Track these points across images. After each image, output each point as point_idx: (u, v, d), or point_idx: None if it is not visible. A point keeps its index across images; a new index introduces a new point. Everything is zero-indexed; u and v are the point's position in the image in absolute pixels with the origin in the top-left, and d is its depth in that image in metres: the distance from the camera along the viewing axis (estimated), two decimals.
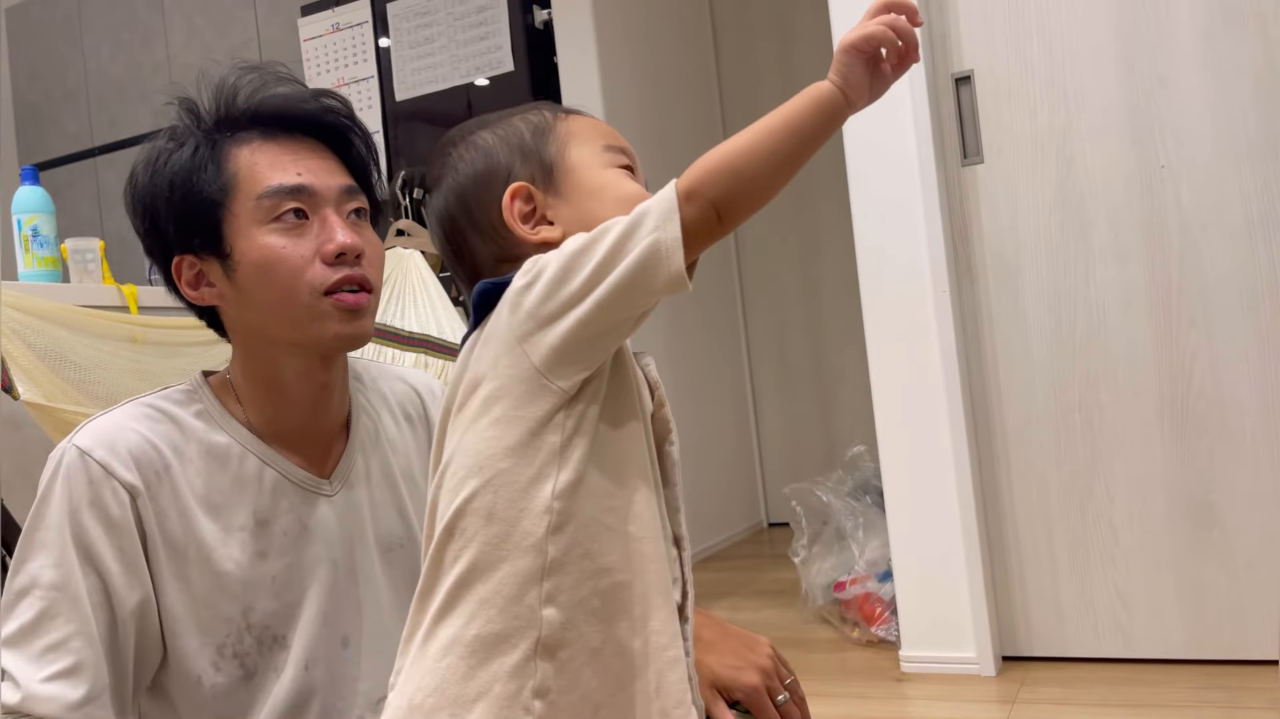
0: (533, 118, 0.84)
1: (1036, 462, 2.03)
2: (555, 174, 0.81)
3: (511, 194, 0.79)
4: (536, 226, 0.79)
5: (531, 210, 0.80)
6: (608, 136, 0.85)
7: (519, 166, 0.81)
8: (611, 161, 0.83)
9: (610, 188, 0.82)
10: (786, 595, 2.70)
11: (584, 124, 0.85)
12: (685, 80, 3.74)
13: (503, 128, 0.83)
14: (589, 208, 0.80)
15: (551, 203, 0.80)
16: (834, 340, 3.74)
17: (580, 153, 0.82)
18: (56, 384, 1.64)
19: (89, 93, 4.56)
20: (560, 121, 0.84)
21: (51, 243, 2.06)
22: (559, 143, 0.82)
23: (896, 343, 2.08)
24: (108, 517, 0.84)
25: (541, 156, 0.81)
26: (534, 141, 0.82)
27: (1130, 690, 1.84)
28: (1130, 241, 1.95)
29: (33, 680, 0.80)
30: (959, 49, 2.07)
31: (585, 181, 0.81)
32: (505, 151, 0.82)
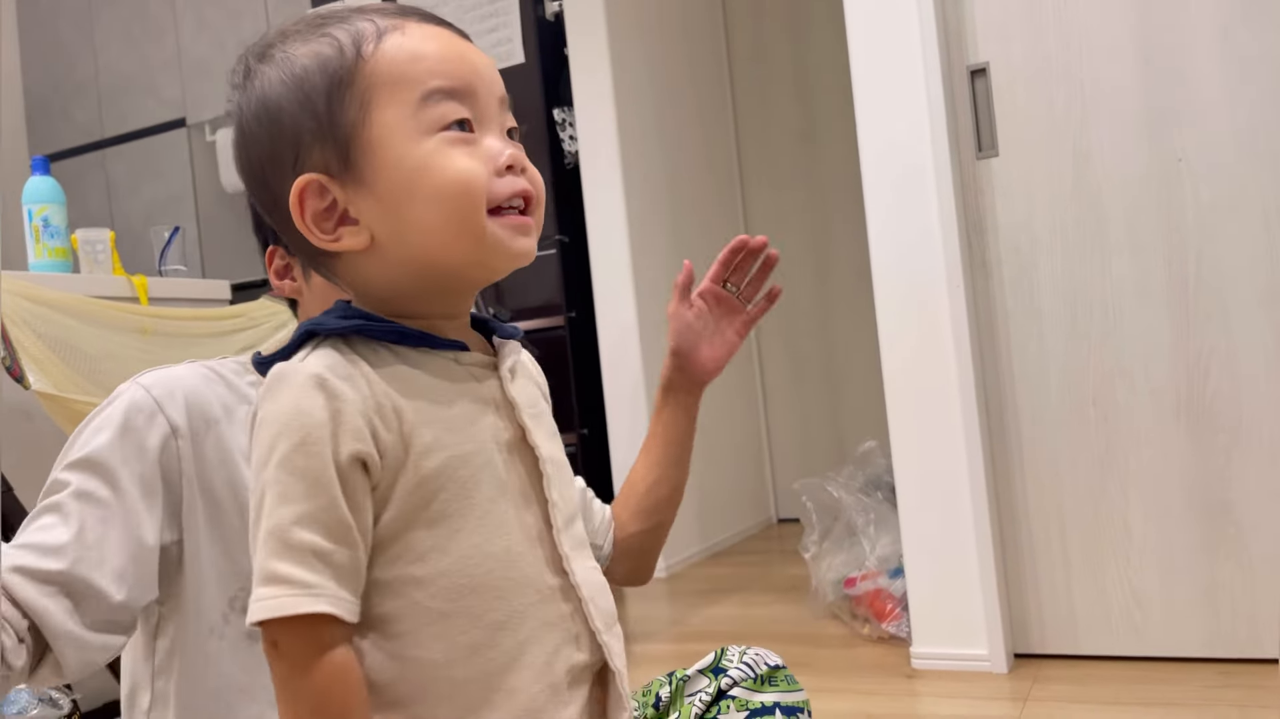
0: (328, 50, 0.62)
1: (1050, 458, 2.02)
2: (353, 153, 0.61)
3: (298, 195, 0.61)
4: (337, 229, 0.62)
5: (330, 206, 0.62)
6: (433, 74, 0.62)
7: (308, 142, 0.61)
8: (435, 122, 0.61)
9: (425, 173, 0.60)
10: (797, 591, 2.69)
11: (399, 57, 0.62)
12: (697, 71, 3.73)
13: (290, 64, 0.62)
14: (399, 205, 0.61)
15: (353, 196, 0.61)
16: (845, 334, 3.73)
17: (387, 118, 0.61)
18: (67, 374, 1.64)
19: (99, 85, 4.56)
20: (365, 60, 0.61)
21: (62, 233, 2.06)
22: (358, 101, 0.61)
23: (909, 337, 2.06)
24: (142, 445, 0.86)
25: (334, 126, 0.61)
26: (325, 100, 0.61)
27: (1144, 689, 1.83)
28: (1147, 236, 1.93)
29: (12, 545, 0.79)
30: (974, 41, 2.05)
31: (393, 164, 0.60)
32: (292, 110, 0.61)
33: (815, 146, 3.77)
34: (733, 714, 1.01)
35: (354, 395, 0.59)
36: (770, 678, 1.04)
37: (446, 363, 0.65)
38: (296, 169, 0.62)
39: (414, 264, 0.63)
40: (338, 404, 0.58)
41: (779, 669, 1.06)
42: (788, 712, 1.02)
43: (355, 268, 0.64)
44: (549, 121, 3.23)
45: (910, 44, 2.04)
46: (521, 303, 3.24)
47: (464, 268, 0.63)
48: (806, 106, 3.79)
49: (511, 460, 0.65)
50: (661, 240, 3.34)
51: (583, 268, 3.26)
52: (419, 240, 0.61)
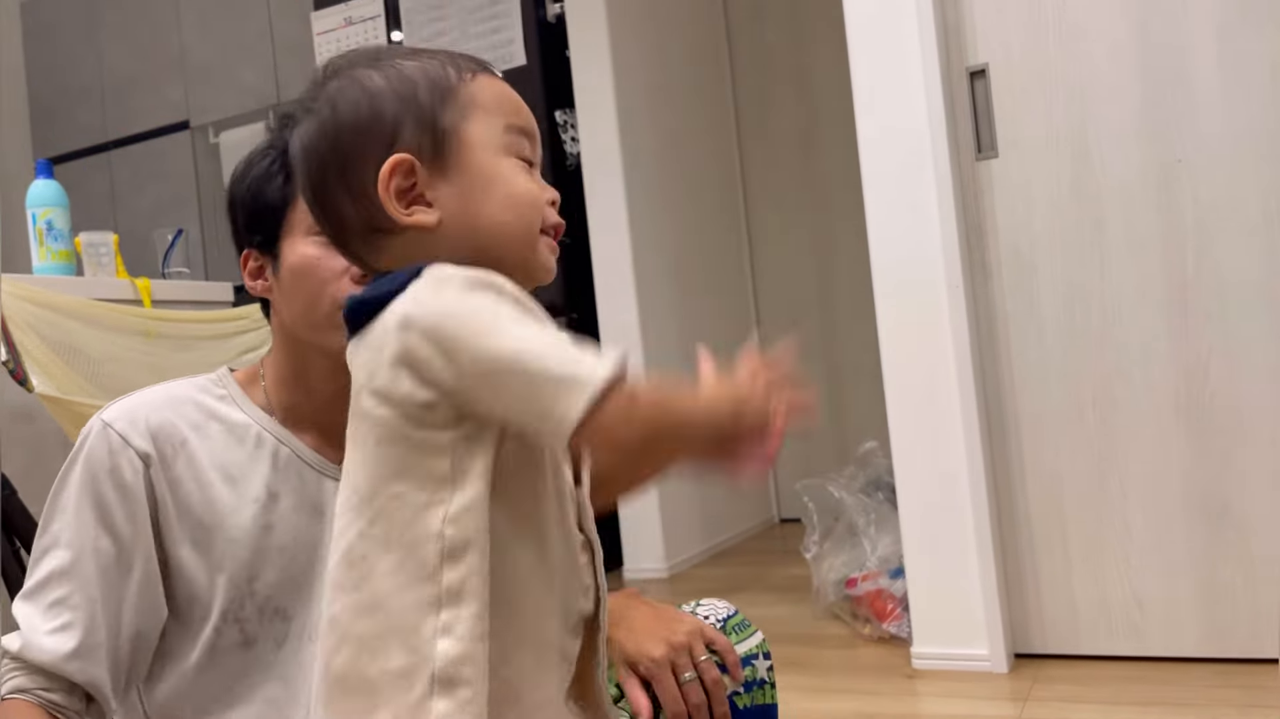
0: (433, 70, 0.73)
1: (1050, 458, 2.02)
2: (446, 148, 0.71)
3: (391, 167, 0.69)
4: (411, 206, 0.70)
5: (411, 186, 0.70)
6: (513, 113, 0.74)
7: (407, 129, 0.71)
8: (511, 148, 0.73)
9: (502, 181, 0.72)
10: (798, 591, 2.70)
11: (490, 91, 0.74)
12: (698, 73, 3.73)
13: (398, 73, 0.72)
14: (474, 199, 0.71)
15: (434, 182, 0.71)
16: (846, 335, 3.73)
17: (479, 129, 0.72)
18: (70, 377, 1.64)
19: (103, 87, 4.58)
20: (465, 84, 0.73)
21: (66, 236, 2.07)
22: (458, 110, 0.72)
23: (909, 338, 2.07)
24: (122, 483, 0.89)
25: (435, 123, 0.71)
26: (430, 102, 0.71)
27: (1144, 689, 1.83)
28: (1146, 237, 1.94)
29: (38, 631, 0.87)
30: (974, 42, 2.05)
31: (478, 166, 0.71)
32: (395, 104, 0.71)
33: (816, 148, 3.77)
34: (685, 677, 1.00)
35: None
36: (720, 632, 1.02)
37: None
38: (390, 148, 0.70)
39: (471, 252, 0.70)
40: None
41: (727, 620, 1.05)
42: (741, 663, 1.01)
43: (409, 247, 0.71)
44: (551, 123, 3.23)
45: (909, 45, 2.04)
46: None
47: (508, 265, 0.71)
48: (807, 108, 3.79)
49: None
50: (663, 242, 3.34)
51: (584, 269, 3.27)
52: (486, 229, 0.71)
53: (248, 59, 4.20)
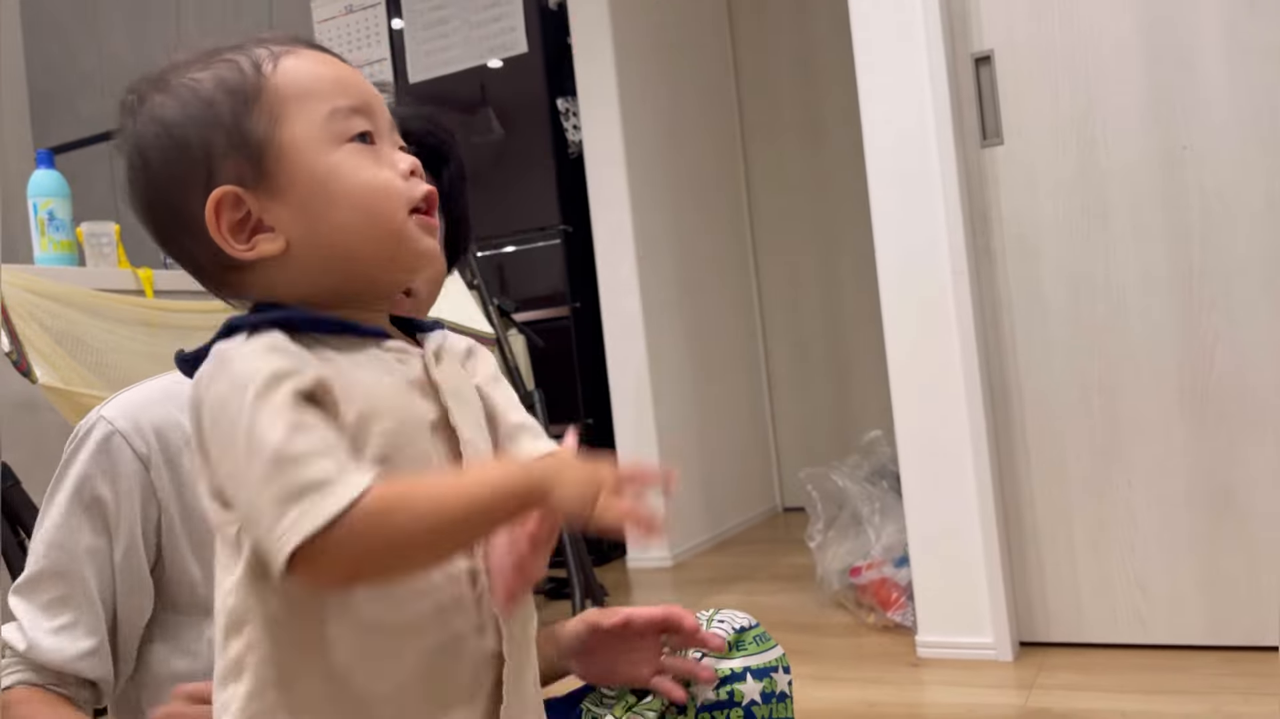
0: (228, 75, 0.64)
1: (1055, 446, 2.01)
2: (266, 163, 0.63)
3: (215, 207, 0.62)
4: (253, 237, 0.63)
5: (245, 216, 0.63)
6: (334, 92, 0.65)
7: (219, 156, 0.63)
8: (342, 134, 0.64)
9: (337, 179, 0.63)
10: (802, 580, 2.70)
11: (299, 76, 0.65)
12: (701, 60, 3.72)
13: (191, 91, 0.64)
14: (313, 211, 0.63)
15: (268, 205, 0.63)
16: (850, 323, 3.73)
17: (296, 129, 0.63)
18: (73, 368, 1.64)
19: (103, 77, 4.56)
20: (267, 79, 0.64)
21: (67, 226, 2.06)
22: (266, 115, 0.63)
23: (914, 326, 2.06)
24: (120, 486, 0.88)
25: (245, 139, 0.63)
26: (233, 115, 0.63)
27: (1149, 676, 1.83)
28: (1151, 224, 1.93)
29: (39, 630, 0.86)
30: (979, 28, 2.04)
31: (305, 173, 0.63)
32: (198, 129, 0.63)
33: (819, 134, 3.76)
34: (703, 687, 0.99)
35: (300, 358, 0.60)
36: (738, 642, 1.01)
37: (370, 348, 0.66)
38: (209, 184, 0.63)
39: (329, 267, 0.65)
40: (292, 362, 0.59)
41: (746, 631, 1.03)
42: (759, 674, 1.00)
43: (268, 276, 0.65)
44: (552, 111, 3.22)
45: (914, 32, 2.03)
46: (526, 293, 3.24)
47: (378, 267, 0.66)
48: (811, 94, 3.78)
49: (436, 441, 0.65)
50: (666, 229, 3.33)
51: (587, 258, 3.26)
52: (338, 241, 0.64)
53: None
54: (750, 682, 0.99)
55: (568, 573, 2.44)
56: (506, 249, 3.28)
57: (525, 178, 3.24)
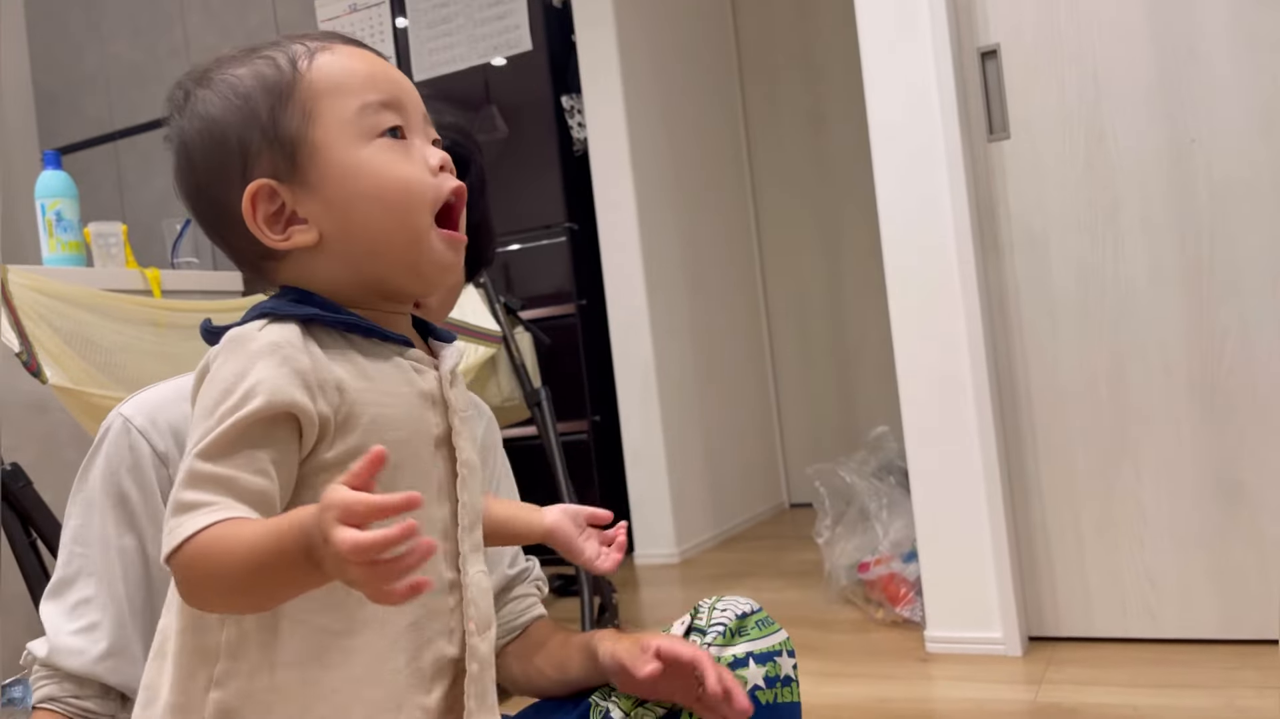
0: (266, 71, 0.67)
1: (1063, 440, 2.01)
2: (299, 158, 0.65)
3: (251, 199, 0.65)
4: (288, 228, 0.66)
5: (279, 209, 0.66)
6: (365, 87, 0.67)
7: (255, 151, 0.65)
8: (372, 129, 0.66)
9: (366, 175, 0.65)
10: (810, 576, 2.70)
11: (333, 71, 0.67)
12: (705, 56, 3.71)
13: (230, 87, 0.67)
14: (343, 206, 0.65)
15: (301, 198, 0.66)
16: (856, 319, 3.72)
17: (328, 124, 0.66)
18: (83, 368, 1.64)
19: (108, 77, 4.57)
20: (302, 76, 0.66)
21: (75, 227, 2.06)
22: (301, 111, 0.65)
23: (921, 321, 2.06)
24: (144, 480, 0.88)
25: (279, 135, 0.65)
26: (269, 112, 0.65)
27: (1159, 671, 1.83)
28: (1160, 216, 1.92)
29: (62, 633, 0.85)
30: (985, 22, 2.04)
31: (336, 168, 0.65)
32: (237, 124, 0.66)
33: (824, 129, 3.76)
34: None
35: (306, 366, 0.62)
36: (740, 628, 1.01)
37: (392, 354, 0.68)
38: (246, 177, 0.66)
39: (358, 263, 0.67)
40: (289, 368, 0.61)
41: (748, 617, 1.02)
42: (761, 659, 0.99)
43: (301, 266, 0.68)
44: (557, 109, 3.22)
45: (920, 26, 2.03)
46: (532, 290, 3.24)
47: (397, 270, 0.68)
48: (815, 89, 3.77)
49: (436, 456, 0.68)
50: (671, 226, 3.33)
51: (592, 255, 3.26)
52: (363, 235, 0.66)
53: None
54: (753, 667, 0.99)
55: (575, 569, 2.44)
56: (512, 247, 3.28)
57: (530, 176, 3.24)
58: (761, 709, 0.97)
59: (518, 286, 3.27)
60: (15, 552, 1.44)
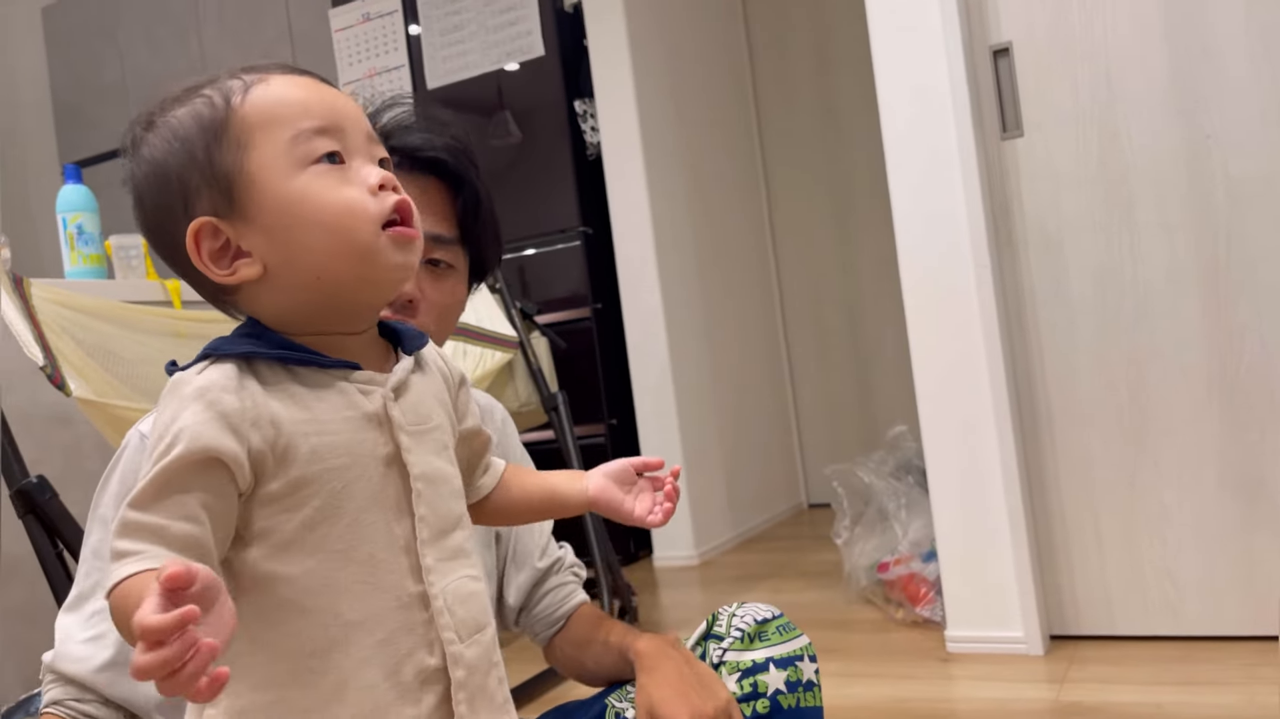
0: (201, 109, 0.67)
1: (1082, 438, 2.00)
2: (236, 193, 0.65)
3: (194, 237, 0.66)
4: (234, 263, 0.66)
5: (224, 245, 0.66)
6: (298, 115, 0.67)
7: (195, 189, 0.66)
8: (306, 156, 0.66)
9: (304, 203, 0.65)
10: (829, 577, 2.70)
11: (266, 103, 0.67)
12: (717, 57, 3.71)
13: (169, 127, 0.68)
14: (284, 235, 0.65)
15: (243, 232, 0.66)
16: (872, 318, 3.72)
17: (263, 158, 0.66)
18: (106, 380, 1.66)
19: (126, 89, 4.61)
20: (236, 110, 0.67)
21: (96, 240, 2.09)
22: (235, 145, 0.66)
23: (937, 320, 2.06)
24: None
25: (215, 172, 0.66)
26: (205, 150, 0.66)
27: (1182, 668, 1.82)
28: (1177, 214, 1.92)
29: (71, 640, 0.86)
30: (997, 21, 2.03)
31: (272, 199, 0.65)
32: (176, 166, 0.67)
33: (838, 130, 3.75)
34: (725, 679, 1.00)
35: (233, 407, 0.62)
36: (760, 633, 1.02)
37: (335, 380, 0.68)
38: (188, 216, 0.67)
39: (305, 287, 0.67)
40: (213, 413, 0.62)
41: (769, 622, 1.03)
42: (782, 663, 1.00)
43: (253, 297, 0.69)
44: (570, 113, 3.23)
45: (931, 25, 2.03)
46: (547, 295, 3.25)
47: (352, 285, 0.68)
48: (828, 90, 3.77)
49: (389, 474, 0.68)
50: (685, 229, 3.33)
51: (607, 259, 3.27)
52: (310, 262, 0.66)
53: (267, 57, 4.21)
54: (774, 671, 0.99)
55: (595, 572, 2.45)
56: (527, 252, 3.29)
57: (544, 180, 3.25)
58: (784, 714, 0.97)
59: (533, 291, 3.28)
60: (42, 562, 1.46)
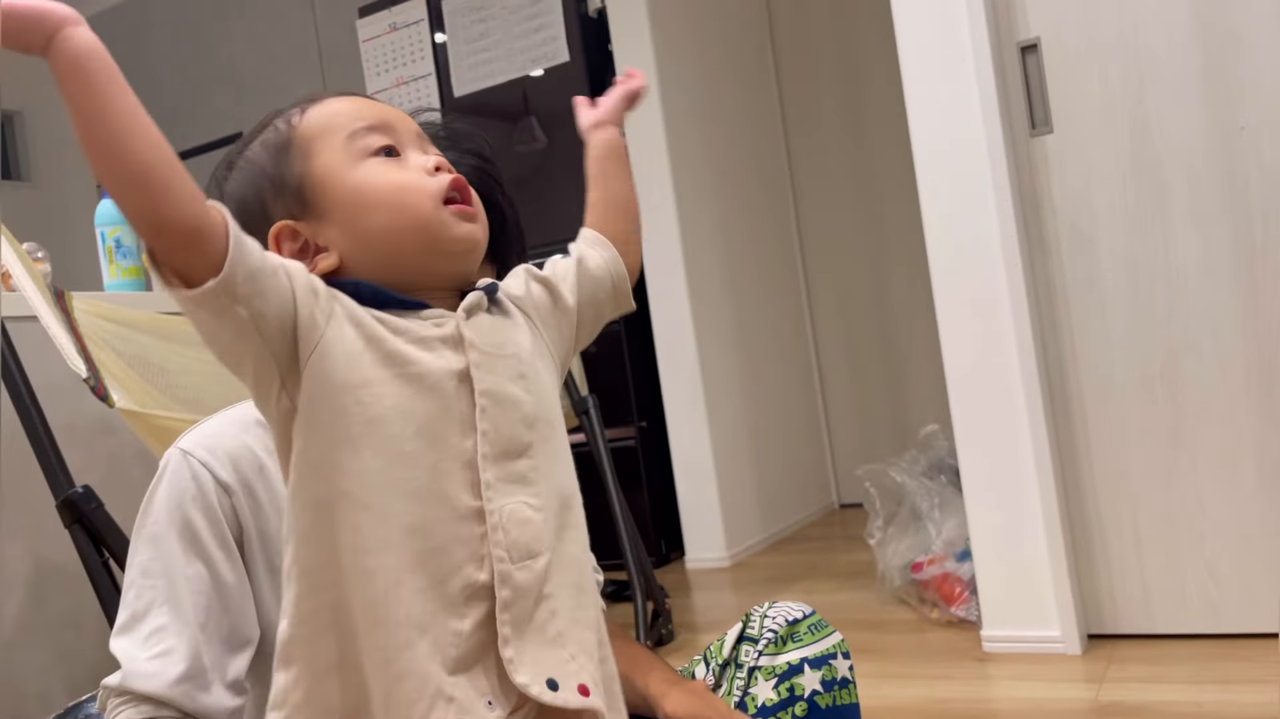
0: (268, 136, 0.76)
1: (1117, 434, 1.99)
2: (306, 194, 0.73)
3: (274, 241, 0.72)
4: (314, 258, 0.73)
5: (303, 245, 0.73)
6: (350, 119, 0.75)
7: (270, 202, 0.74)
8: (362, 151, 0.74)
9: (365, 189, 0.73)
10: (862, 577, 2.69)
11: (320, 116, 0.76)
12: (742, 60, 3.72)
13: (245, 159, 0.77)
14: (354, 222, 0.72)
15: (319, 230, 0.73)
16: (902, 316, 3.70)
17: (325, 159, 0.73)
18: (147, 391, 1.69)
19: (158, 102, 4.67)
20: (296, 128, 0.75)
21: (134, 253, 2.12)
22: (300, 156, 0.74)
23: (968, 318, 2.05)
24: (209, 508, 0.90)
25: (285, 181, 0.74)
26: (275, 166, 0.74)
27: (1223, 666, 1.80)
28: (1211, 206, 1.90)
29: (137, 660, 0.85)
30: (1024, 17, 2.02)
31: (339, 191, 0.73)
32: (252, 190, 0.75)
33: (864, 129, 3.74)
34: (761, 685, 0.99)
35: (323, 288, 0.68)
36: (792, 634, 1.01)
37: (410, 314, 0.72)
38: (269, 226, 0.73)
39: (381, 266, 0.73)
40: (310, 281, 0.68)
41: (799, 621, 1.03)
42: (816, 663, 0.99)
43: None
44: None
45: (958, 22, 2.02)
46: None
47: (422, 258, 0.73)
48: (854, 90, 3.76)
49: (460, 390, 0.71)
50: (713, 230, 3.34)
51: None
52: (379, 244, 0.72)
53: (296, 68, 4.27)
54: (809, 673, 0.99)
55: (628, 575, 2.45)
56: (555, 257, 3.30)
57: (570, 185, 3.25)
58: (822, 714, 0.97)
59: None
60: (89, 571, 1.48)
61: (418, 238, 0.72)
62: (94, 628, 1.80)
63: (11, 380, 1.57)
